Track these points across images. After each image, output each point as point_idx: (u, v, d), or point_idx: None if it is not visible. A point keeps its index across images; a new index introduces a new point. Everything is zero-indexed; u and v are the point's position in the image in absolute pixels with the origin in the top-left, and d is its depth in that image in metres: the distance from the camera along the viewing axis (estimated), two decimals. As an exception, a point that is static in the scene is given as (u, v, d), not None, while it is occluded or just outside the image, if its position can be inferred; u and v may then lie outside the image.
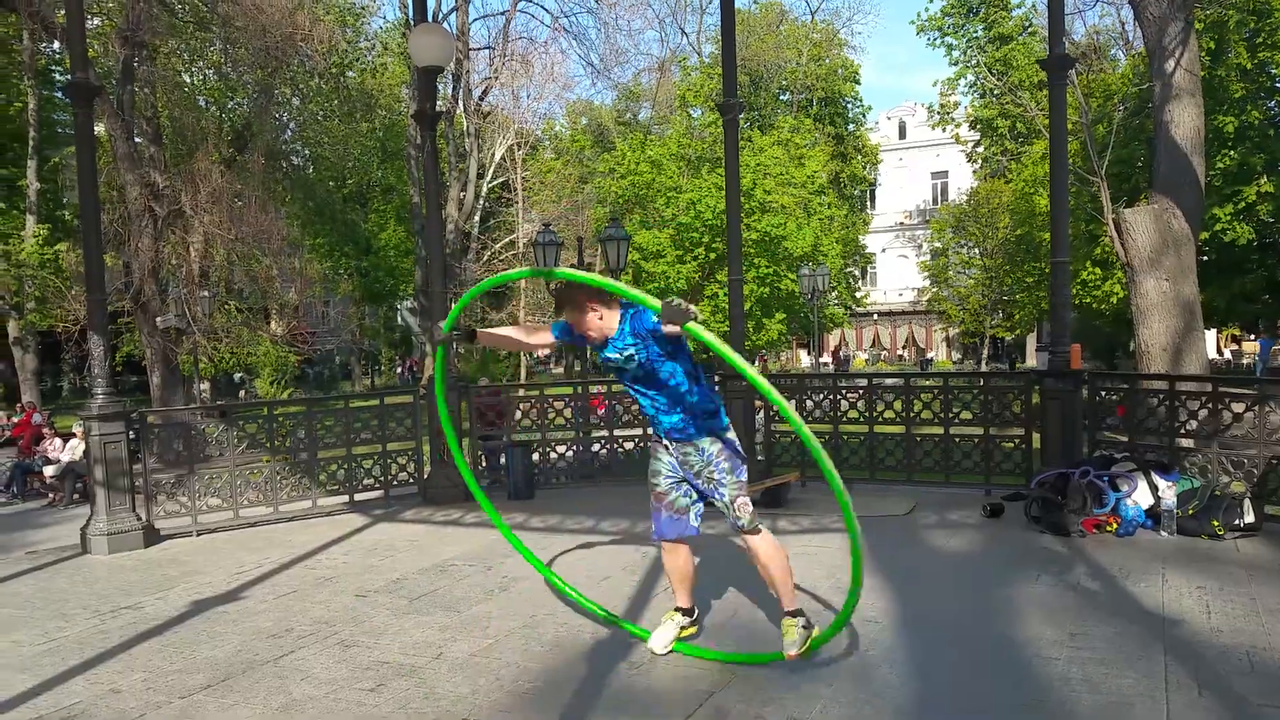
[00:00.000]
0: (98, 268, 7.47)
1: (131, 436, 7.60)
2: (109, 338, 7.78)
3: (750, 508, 4.02)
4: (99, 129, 15.78)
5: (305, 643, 4.68)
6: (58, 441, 15.27)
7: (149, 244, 17.10)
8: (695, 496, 4.15)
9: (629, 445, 9.23)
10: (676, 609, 4.36)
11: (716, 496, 4.03)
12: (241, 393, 35.29)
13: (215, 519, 7.85)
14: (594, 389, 10.49)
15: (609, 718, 3.66)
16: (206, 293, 21.28)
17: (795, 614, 4.02)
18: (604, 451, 9.31)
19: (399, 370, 47.87)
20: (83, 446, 12.85)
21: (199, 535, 7.64)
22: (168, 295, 19.89)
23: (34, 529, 10.67)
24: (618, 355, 3.91)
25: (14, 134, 28.70)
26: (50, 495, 14.26)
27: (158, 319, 17.99)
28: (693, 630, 4.40)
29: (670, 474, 4.12)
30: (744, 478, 4.05)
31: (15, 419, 22.57)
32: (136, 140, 17.42)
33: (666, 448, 4.11)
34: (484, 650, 4.47)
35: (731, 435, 4.07)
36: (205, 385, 27.05)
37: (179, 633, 5.00)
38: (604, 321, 3.88)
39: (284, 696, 3.97)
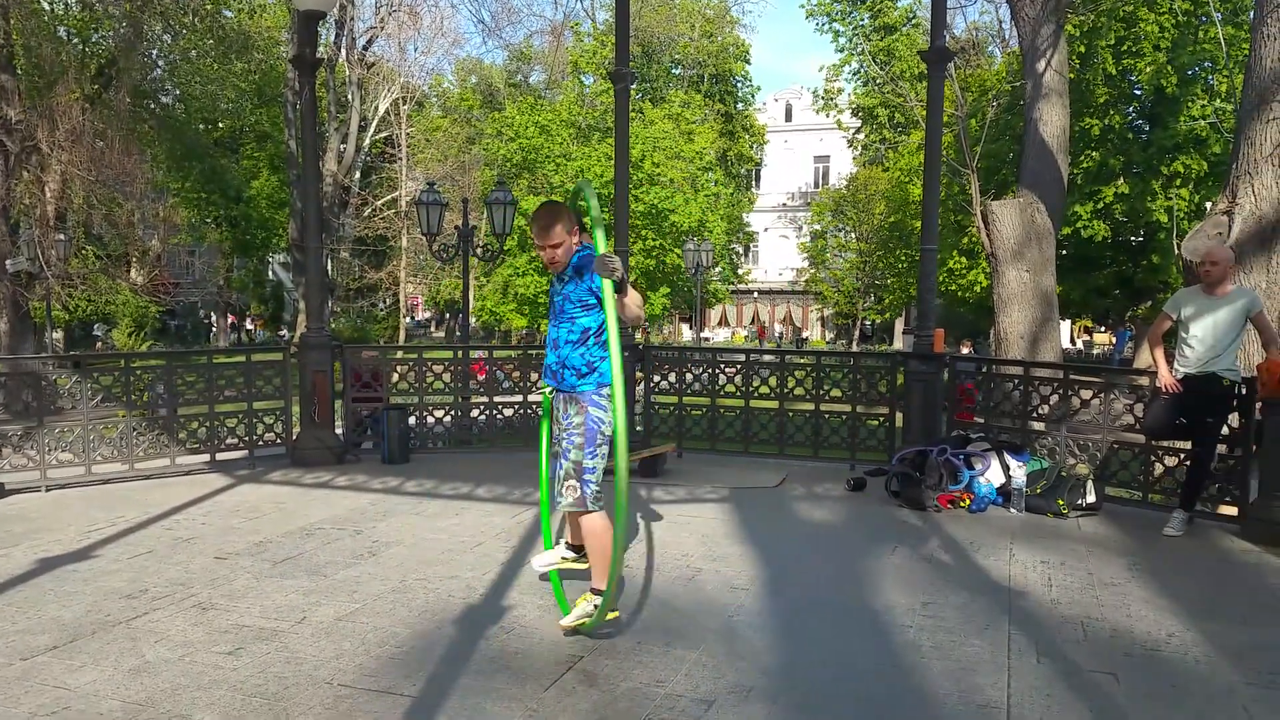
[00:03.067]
0: (-63, 202, 6.93)
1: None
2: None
3: (577, 493, 3.96)
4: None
5: (160, 604, 4.50)
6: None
7: (-2, 180, 15.95)
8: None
9: (508, 412, 9.17)
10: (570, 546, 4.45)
11: (560, 460, 4.08)
12: (98, 344, 33.42)
13: (66, 474, 7.42)
14: (475, 354, 10.37)
15: (478, 680, 3.67)
16: (62, 236, 20.01)
17: (598, 593, 4.01)
18: (483, 417, 9.22)
19: (228, 327, 44.82)
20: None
21: (48, 491, 7.21)
22: (19, 237, 18.61)
23: None
24: (559, 284, 4.11)
25: None
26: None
27: (7, 261, 16.82)
28: (583, 566, 4.33)
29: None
30: (591, 466, 3.98)
31: None
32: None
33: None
34: (350, 615, 4.39)
35: (601, 416, 4.00)
36: (58, 334, 25.47)
37: (23, 591, 4.73)
38: (566, 253, 4.04)
39: (136, 659, 3.82)
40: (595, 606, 3.99)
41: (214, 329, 45.12)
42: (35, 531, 5.97)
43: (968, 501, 6.70)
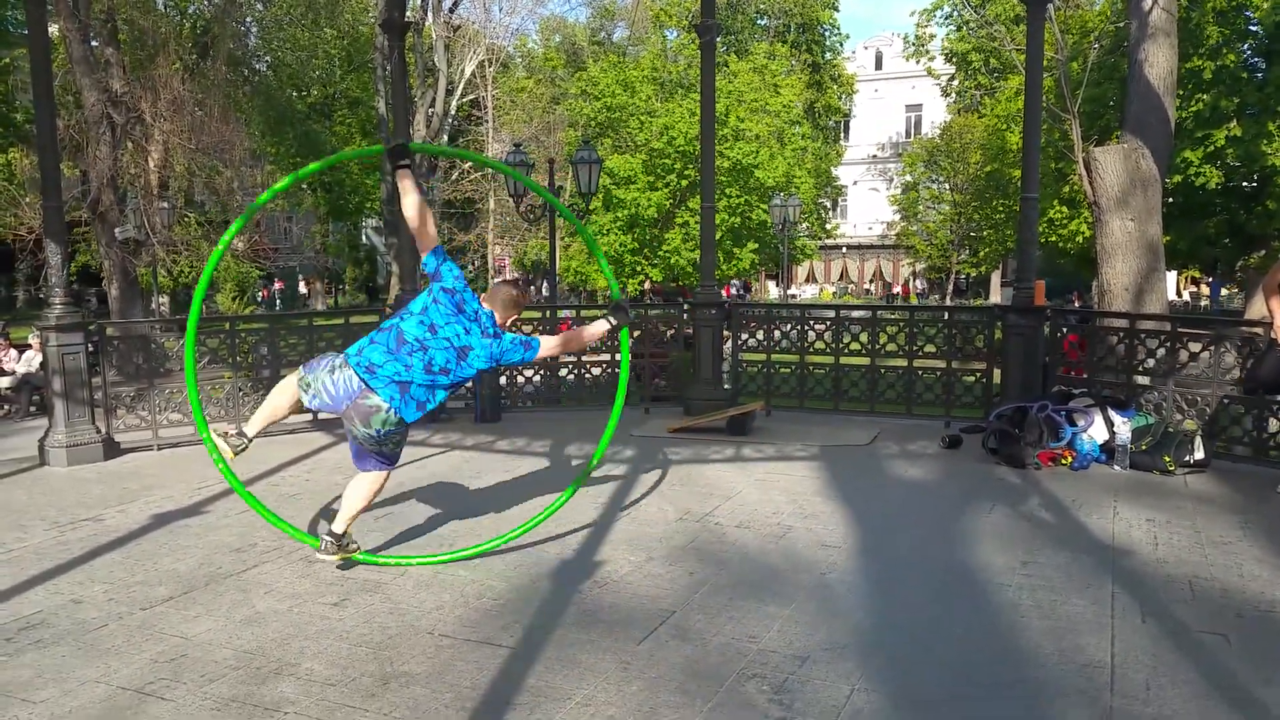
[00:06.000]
0: (53, 174, 7.23)
1: (90, 349, 7.47)
2: (67, 247, 7.57)
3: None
4: (52, 30, 15.13)
5: (269, 557, 4.69)
6: (13, 353, 14.97)
7: (107, 152, 16.57)
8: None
9: (596, 371, 9.24)
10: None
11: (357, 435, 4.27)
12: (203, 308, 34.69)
13: (176, 434, 7.76)
14: (562, 314, 10.46)
15: (573, 632, 3.73)
16: (166, 204, 20.76)
17: (338, 537, 4.37)
18: (571, 376, 9.31)
19: (262, 296, 42.66)
20: (38, 358, 12.64)
21: (160, 449, 7.56)
22: (126, 206, 19.39)
23: (-10, 440, 10.51)
24: (475, 334, 4.32)
25: (-38, 31, 27.53)
26: (5, 407, 14.04)
27: (116, 230, 17.55)
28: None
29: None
30: (383, 468, 4.40)
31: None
32: (93, 43, 16.76)
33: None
34: (449, 567, 4.51)
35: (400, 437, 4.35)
36: (164, 299, 26.58)
37: (140, 545, 4.99)
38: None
39: (248, 609, 3.99)
40: (332, 545, 4.36)
41: (307, 294, 46.24)
42: (149, 488, 6.27)
43: (1069, 459, 6.50)
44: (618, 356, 9.10)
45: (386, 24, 8.87)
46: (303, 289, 45.54)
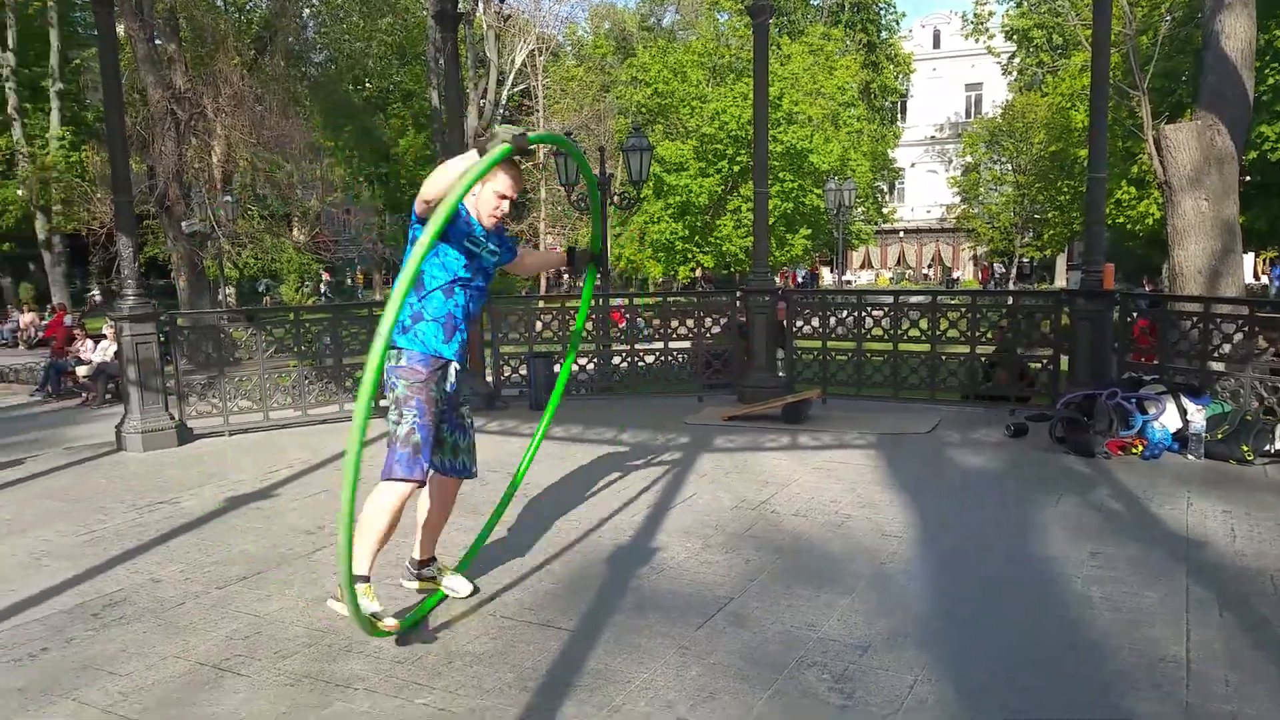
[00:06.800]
0: (123, 169, 7.45)
1: (162, 339, 7.70)
2: (137, 240, 7.80)
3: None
4: (118, 30, 15.52)
5: (332, 539, 4.78)
6: (89, 342, 15.48)
7: (172, 147, 17.03)
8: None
9: (649, 359, 9.24)
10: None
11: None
12: (266, 299, 35.45)
13: (246, 420, 7.97)
14: (614, 302, 10.47)
15: (631, 617, 3.74)
16: (229, 198, 21.23)
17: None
18: (624, 364, 9.33)
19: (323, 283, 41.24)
20: (113, 347, 13.02)
21: (230, 435, 7.78)
22: (191, 200, 19.86)
23: (69, 426, 10.89)
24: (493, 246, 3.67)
25: (36, 33, 28.37)
26: (83, 394, 14.52)
27: (182, 223, 18.00)
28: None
29: None
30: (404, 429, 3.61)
31: (47, 320, 22.85)
32: (156, 41, 17.17)
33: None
34: (509, 550, 4.55)
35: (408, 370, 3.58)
36: (230, 290, 27.20)
37: (214, 527, 5.14)
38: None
39: (317, 589, 4.08)
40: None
41: (357, 285, 46.74)
42: (221, 473, 6.44)
43: (1140, 447, 6.32)
44: (672, 345, 9.09)
45: (440, 15, 8.95)
46: (351, 280, 46.18)
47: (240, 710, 3.04)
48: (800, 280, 42.97)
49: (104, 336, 14.49)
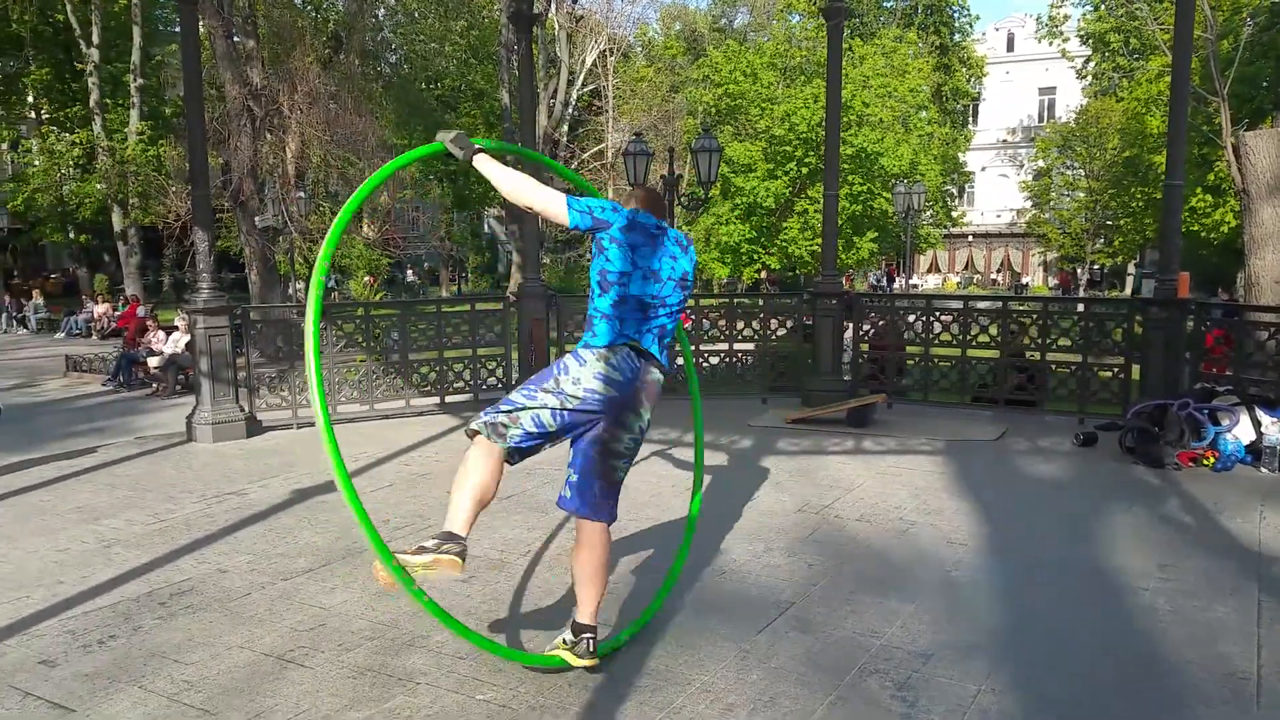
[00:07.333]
0: (202, 164, 7.66)
1: (233, 332, 7.89)
2: (213, 234, 8.02)
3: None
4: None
5: (400, 534, 4.88)
6: (161, 334, 15.94)
7: (247, 143, 17.44)
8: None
9: (714, 360, 9.23)
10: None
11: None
12: (334, 294, 36.20)
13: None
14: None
15: (691, 618, 3.75)
16: (302, 194, 21.70)
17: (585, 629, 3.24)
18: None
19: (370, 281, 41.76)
20: (185, 339, 13.43)
21: (299, 428, 7.95)
22: (265, 195, 20.35)
23: (140, 415, 11.22)
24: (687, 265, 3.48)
25: (120, 29, 29.37)
26: (154, 385, 14.95)
27: (256, 218, 18.45)
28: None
29: None
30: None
31: (120, 311, 23.62)
32: (235, 38, 17.63)
33: None
34: (568, 550, 4.58)
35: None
36: (301, 285, 27.82)
37: (281, 519, 5.27)
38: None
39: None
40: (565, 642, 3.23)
41: (415, 281, 47.23)
42: (289, 465, 6.60)
43: (1212, 459, 6.15)
44: (736, 346, 9.07)
45: (515, 16, 9.05)
46: (410, 277, 46.81)
47: (303, 702, 3.10)
48: (873, 284, 42.40)
49: (175, 328, 14.90)
